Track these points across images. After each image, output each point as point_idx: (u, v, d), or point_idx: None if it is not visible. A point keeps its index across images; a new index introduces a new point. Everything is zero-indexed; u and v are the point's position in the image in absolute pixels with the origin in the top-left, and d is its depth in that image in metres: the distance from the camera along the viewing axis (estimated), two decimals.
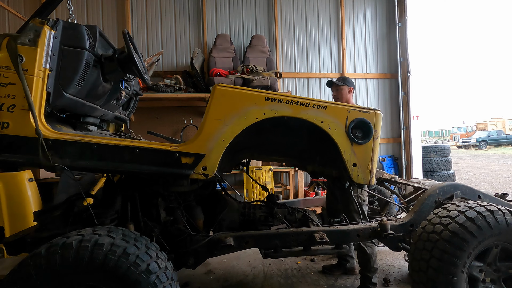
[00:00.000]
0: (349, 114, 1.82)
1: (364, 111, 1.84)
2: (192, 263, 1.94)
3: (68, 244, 1.35)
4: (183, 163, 1.64)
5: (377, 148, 1.88)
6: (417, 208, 2.25)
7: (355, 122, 1.82)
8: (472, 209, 1.82)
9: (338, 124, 1.80)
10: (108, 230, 1.47)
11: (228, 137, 1.66)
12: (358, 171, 1.85)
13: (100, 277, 1.36)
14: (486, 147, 23.39)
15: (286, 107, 1.73)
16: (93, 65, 1.74)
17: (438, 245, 1.77)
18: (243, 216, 2.36)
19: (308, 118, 1.76)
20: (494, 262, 1.88)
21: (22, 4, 4.66)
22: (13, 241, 1.81)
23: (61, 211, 1.90)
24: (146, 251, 1.44)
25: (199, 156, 1.64)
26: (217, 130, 1.66)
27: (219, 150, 1.65)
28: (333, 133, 1.79)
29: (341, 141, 1.81)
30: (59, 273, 1.33)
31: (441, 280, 1.73)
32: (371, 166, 1.86)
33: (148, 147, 1.64)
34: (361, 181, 1.86)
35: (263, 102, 1.71)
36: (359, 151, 1.84)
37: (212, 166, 1.66)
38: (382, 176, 3.23)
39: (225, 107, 1.68)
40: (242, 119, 1.68)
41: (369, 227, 2.15)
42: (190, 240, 1.93)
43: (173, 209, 2.09)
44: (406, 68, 5.39)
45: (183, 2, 5.03)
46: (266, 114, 1.70)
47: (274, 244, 2.03)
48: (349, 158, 1.82)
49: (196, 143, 1.65)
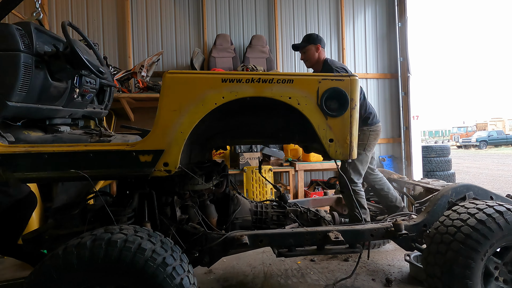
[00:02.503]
0: (319, 84, 1.62)
1: (337, 79, 1.64)
2: (207, 261, 1.96)
3: (113, 241, 1.38)
4: (142, 162, 1.54)
5: (355, 119, 1.68)
6: (430, 208, 2.27)
7: (327, 93, 1.62)
8: (491, 207, 1.87)
9: (309, 98, 1.61)
10: (148, 234, 1.49)
11: (187, 128, 1.53)
12: (335, 147, 1.67)
13: (133, 279, 1.39)
14: (486, 147, 23.38)
15: (247, 87, 1.57)
16: (36, 66, 1.59)
17: (463, 230, 1.80)
18: (256, 215, 2.38)
19: (274, 95, 1.59)
20: (511, 263, 1.91)
21: (22, 4, 4.65)
22: (31, 237, 1.82)
23: (79, 209, 1.92)
24: (181, 263, 1.47)
25: (158, 153, 1.53)
26: (174, 121, 1.52)
27: (179, 143, 1.53)
28: (303, 109, 1.61)
29: (313, 116, 1.63)
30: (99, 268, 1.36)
31: (460, 261, 1.76)
32: (349, 139, 1.67)
33: (102, 150, 1.55)
34: (339, 157, 1.68)
35: (220, 84, 1.55)
36: (335, 124, 1.65)
37: (173, 161, 1.55)
38: (391, 176, 3.24)
39: (178, 95, 1.53)
40: (199, 107, 1.53)
41: (383, 227, 2.15)
42: (205, 239, 1.92)
43: (188, 208, 2.11)
44: (406, 68, 5.39)
45: (183, 2, 5.03)
46: (225, 98, 1.55)
47: (289, 243, 2.02)
48: (324, 133, 1.64)
49: (152, 139, 1.54)
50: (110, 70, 4.14)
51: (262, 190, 4.40)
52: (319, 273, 2.86)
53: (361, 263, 3.09)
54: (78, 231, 1.77)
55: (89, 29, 4.81)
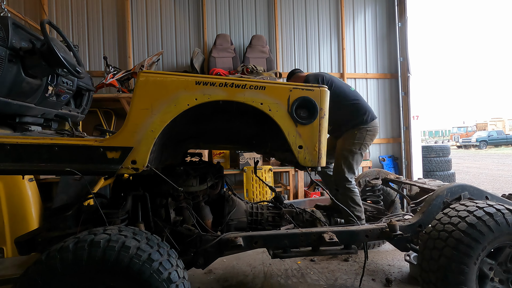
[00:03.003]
0: (291, 93, 1.68)
1: (307, 89, 1.70)
2: (201, 263, 1.96)
3: (96, 242, 1.38)
4: (109, 158, 1.52)
5: (324, 128, 1.73)
6: (425, 208, 2.27)
7: (298, 101, 1.68)
8: (481, 209, 1.86)
9: (280, 105, 1.66)
10: (133, 232, 1.49)
11: (158, 127, 1.53)
12: (304, 153, 1.70)
13: (120, 278, 1.39)
14: (486, 147, 23.39)
15: (220, 91, 1.60)
16: (10, 60, 1.58)
17: (454, 235, 1.81)
18: (251, 216, 2.38)
19: (246, 100, 1.62)
20: (505, 263, 1.89)
21: (22, 4, 4.66)
22: (24, 240, 1.81)
23: (73, 211, 1.91)
24: (168, 259, 1.47)
25: (126, 150, 1.52)
26: (145, 120, 1.53)
27: (149, 141, 1.53)
28: (274, 115, 1.66)
29: (284, 123, 1.67)
30: (84, 269, 1.36)
31: (453, 268, 1.75)
32: (318, 147, 1.71)
33: (68, 144, 1.52)
34: (308, 164, 1.71)
35: (193, 86, 1.57)
36: (304, 132, 1.69)
37: (142, 160, 1.54)
38: (388, 176, 3.24)
39: (151, 94, 1.55)
40: (171, 107, 1.54)
41: (378, 227, 2.15)
42: (200, 240, 1.93)
43: (182, 209, 2.10)
44: (406, 68, 5.39)
45: (183, 2, 5.03)
46: (198, 100, 1.56)
47: (283, 244, 2.03)
48: (294, 140, 1.69)
49: (122, 136, 1.53)
50: (110, 70, 4.14)
51: (262, 190, 4.40)
52: (319, 273, 2.86)
53: (361, 263, 3.09)
54: (71, 233, 1.75)
55: (89, 29, 4.82)
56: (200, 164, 2.34)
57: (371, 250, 3.39)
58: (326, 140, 1.77)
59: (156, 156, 1.73)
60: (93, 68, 4.79)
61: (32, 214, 2.83)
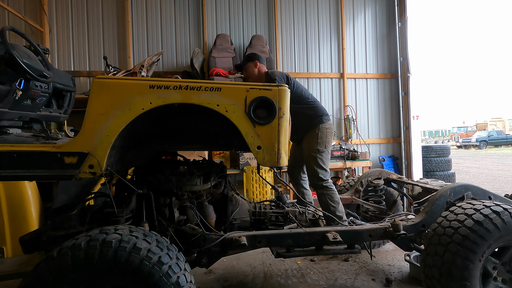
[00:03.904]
0: (247, 93, 1.65)
1: (265, 89, 1.67)
2: (205, 263, 1.96)
3: (108, 242, 1.38)
4: (67, 163, 1.54)
5: (284, 127, 1.70)
6: (428, 208, 2.27)
7: (255, 101, 1.65)
8: (488, 207, 1.87)
9: (236, 106, 1.64)
10: (143, 234, 1.49)
11: (113, 132, 1.54)
12: (263, 154, 1.68)
13: (129, 279, 1.39)
14: (486, 147, 23.38)
15: (175, 94, 1.59)
16: None
17: (460, 231, 1.82)
18: (254, 216, 2.38)
19: (201, 102, 1.62)
20: (509, 262, 1.90)
21: (22, 4, 4.66)
22: (29, 239, 1.81)
23: (78, 210, 1.91)
24: (177, 262, 1.48)
25: (83, 155, 1.54)
26: (100, 125, 1.54)
27: (105, 146, 1.55)
28: (231, 116, 1.64)
29: (241, 124, 1.65)
30: (95, 268, 1.36)
31: (458, 263, 1.76)
32: (277, 147, 1.68)
33: (26, 150, 1.55)
34: (267, 164, 1.69)
35: (148, 90, 1.57)
36: (262, 132, 1.67)
37: (98, 164, 1.56)
38: (390, 176, 3.24)
39: (106, 99, 1.56)
40: (126, 111, 1.55)
41: (382, 227, 2.16)
42: (204, 240, 1.93)
43: (186, 209, 2.10)
44: (406, 68, 5.39)
45: (183, 2, 5.03)
46: (153, 103, 1.56)
47: (287, 244, 2.04)
48: (252, 141, 1.67)
49: (78, 141, 1.56)
50: (110, 70, 4.14)
51: (262, 190, 4.40)
52: (319, 273, 2.87)
53: (361, 263, 3.10)
54: (76, 232, 1.76)
55: (89, 29, 4.82)
56: (204, 164, 2.34)
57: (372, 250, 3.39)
58: (287, 140, 1.75)
59: (119, 158, 1.74)
60: (93, 68, 4.79)
61: (32, 214, 2.82)
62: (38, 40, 4.65)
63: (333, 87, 5.45)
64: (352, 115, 5.41)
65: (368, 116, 5.57)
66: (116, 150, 1.63)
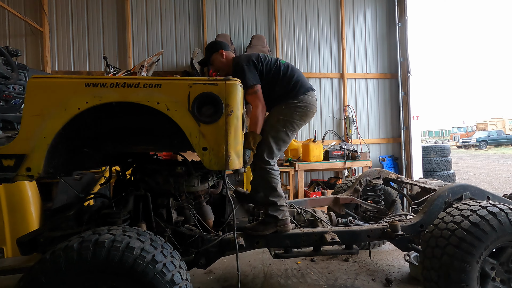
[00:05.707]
0: (190, 89, 1.52)
1: (210, 84, 1.53)
2: (203, 263, 1.96)
3: (101, 242, 1.38)
4: (4, 166, 1.49)
5: (233, 126, 1.55)
6: (427, 208, 2.26)
7: (199, 98, 1.51)
8: (484, 208, 1.86)
9: (179, 103, 1.51)
10: (137, 233, 1.49)
11: (50, 133, 1.48)
12: (209, 156, 1.53)
13: (124, 278, 1.39)
14: (486, 147, 23.38)
15: (112, 92, 1.50)
16: None
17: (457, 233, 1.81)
18: (252, 216, 2.37)
19: (140, 100, 1.50)
20: (507, 263, 1.90)
21: (22, 4, 4.66)
22: (26, 241, 1.81)
23: (74, 211, 1.91)
24: (172, 260, 1.47)
25: (20, 157, 1.49)
26: (37, 126, 1.48)
27: (42, 148, 1.48)
28: (174, 115, 1.51)
29: (184, 123, 1.52)
30: (88, 269, 1.36)
31: (455, 266, 1.76)
32: (225, 148, 1.54)
33: None
34: (214, 167, 1.54)
35: (83, 89, 1.49)
36: (208, 132, 1.52)
37: (36, 167, 1.50)
38: (389, 176, 3.24)
39: (41, 100, 1.48)
40: (62, 111, 1.47)
41: (380, 227, 2.15)
42: (202, 240, 1.93)
43: (184, 209, 2.10)
44: (406, 68, 5.39)
45: (183, 2, 5.03)
46: (89, 103, 1.48)
47: (285, 245, 2.03)
48: (197, 141, 1.52)
49: (15, 144, 1.50)
50: (110, 70, 4.14)
51: None
52: (319, 273, 2.86)
53: (361, 263, 3.10)
54: (74, 233, 1.75)
55: (89, 29, 4.82)
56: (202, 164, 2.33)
57: (371, 250, 3.39)
58: (240, 140, 1.61)
59: (67, 160, 1.68)
60: (93, 68, 4.80)
61: (32, 214, 2.83)
62: (38, 40, 4.65)
63: (333, 87, 5.45)
64: (352, 115, 5.41)
65: (368, 116, 5.57)
66: (60, 152, 1.58)
